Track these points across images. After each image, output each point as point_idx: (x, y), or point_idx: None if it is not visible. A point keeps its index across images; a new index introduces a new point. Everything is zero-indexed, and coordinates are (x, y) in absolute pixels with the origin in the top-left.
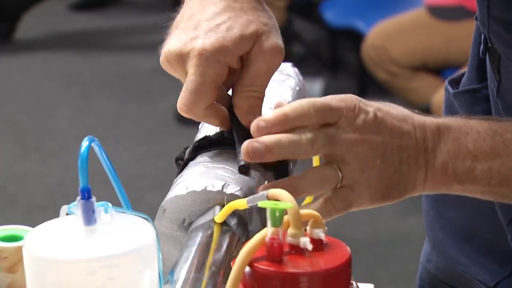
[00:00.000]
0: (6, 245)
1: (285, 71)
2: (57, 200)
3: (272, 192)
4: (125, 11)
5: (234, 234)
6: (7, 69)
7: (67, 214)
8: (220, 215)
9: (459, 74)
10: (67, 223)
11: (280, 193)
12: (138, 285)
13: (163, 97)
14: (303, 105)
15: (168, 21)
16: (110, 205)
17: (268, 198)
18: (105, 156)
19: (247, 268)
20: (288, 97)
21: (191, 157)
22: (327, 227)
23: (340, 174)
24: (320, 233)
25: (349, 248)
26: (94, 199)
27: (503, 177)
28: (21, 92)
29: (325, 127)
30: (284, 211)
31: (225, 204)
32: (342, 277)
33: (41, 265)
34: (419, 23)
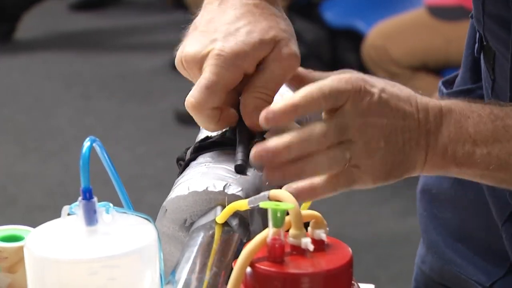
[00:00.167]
0: (6, 245)
1: None
2: (57, 200)
3: (273, 192)
4: (125, 11)
5: (236, 235)
6: (7, 69)
7: (68, 214)
8: (222, 216)
9: (453, 75)
10: (68, 223)
11: (282, 194)
12: (139, 285)
13: (163, 97)
14: (312, 92)
15: (168, 21)
16: (111, 205)
17: (270, 199)
18: (106, 157)
19: (249, 269)
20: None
21: (192, 157)
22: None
23: (348, 156)
24: (321, 234)
25: (350, 249)
26: (95, 199)
27: (501, 162)
28: (21, 92)
29: (332, 112)
30: (286, 212)
31: (227, 205)
32: (343, 278)
33: (42, 265)
34: (419, 23)
